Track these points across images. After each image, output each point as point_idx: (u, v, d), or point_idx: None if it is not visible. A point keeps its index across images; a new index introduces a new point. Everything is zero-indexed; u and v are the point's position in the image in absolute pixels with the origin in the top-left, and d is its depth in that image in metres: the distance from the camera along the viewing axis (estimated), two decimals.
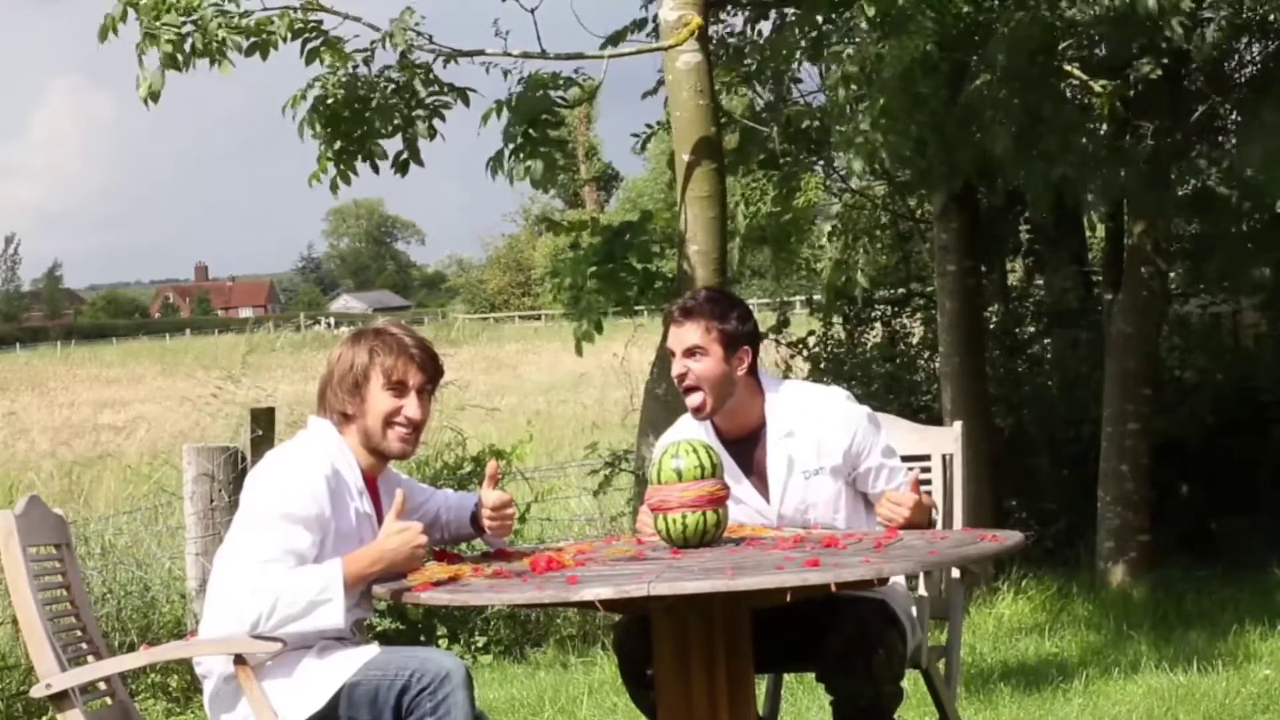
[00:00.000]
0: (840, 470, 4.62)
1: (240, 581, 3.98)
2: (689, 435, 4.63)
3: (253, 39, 7.48)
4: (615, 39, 9.38)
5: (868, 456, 4.62)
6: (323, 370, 4.28)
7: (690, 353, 4.60)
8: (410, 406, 4.19)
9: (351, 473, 4.17)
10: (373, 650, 4.04)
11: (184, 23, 7.33)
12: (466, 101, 7.93)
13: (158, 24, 7.32)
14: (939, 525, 4.72)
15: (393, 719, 3.95)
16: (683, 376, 4.61)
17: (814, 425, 4.63)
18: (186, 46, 7.40)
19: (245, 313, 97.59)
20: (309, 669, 4.02)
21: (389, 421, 4.18)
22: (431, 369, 4.24)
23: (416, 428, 4.21)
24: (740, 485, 4.65)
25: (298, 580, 3.95)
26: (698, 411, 4.62)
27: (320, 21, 7.72)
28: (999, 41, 7.79)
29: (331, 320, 67.76)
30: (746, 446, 4.67)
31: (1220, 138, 10.23)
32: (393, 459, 4.29)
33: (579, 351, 7.93)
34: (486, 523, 4.45)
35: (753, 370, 4.66)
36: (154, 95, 7.49)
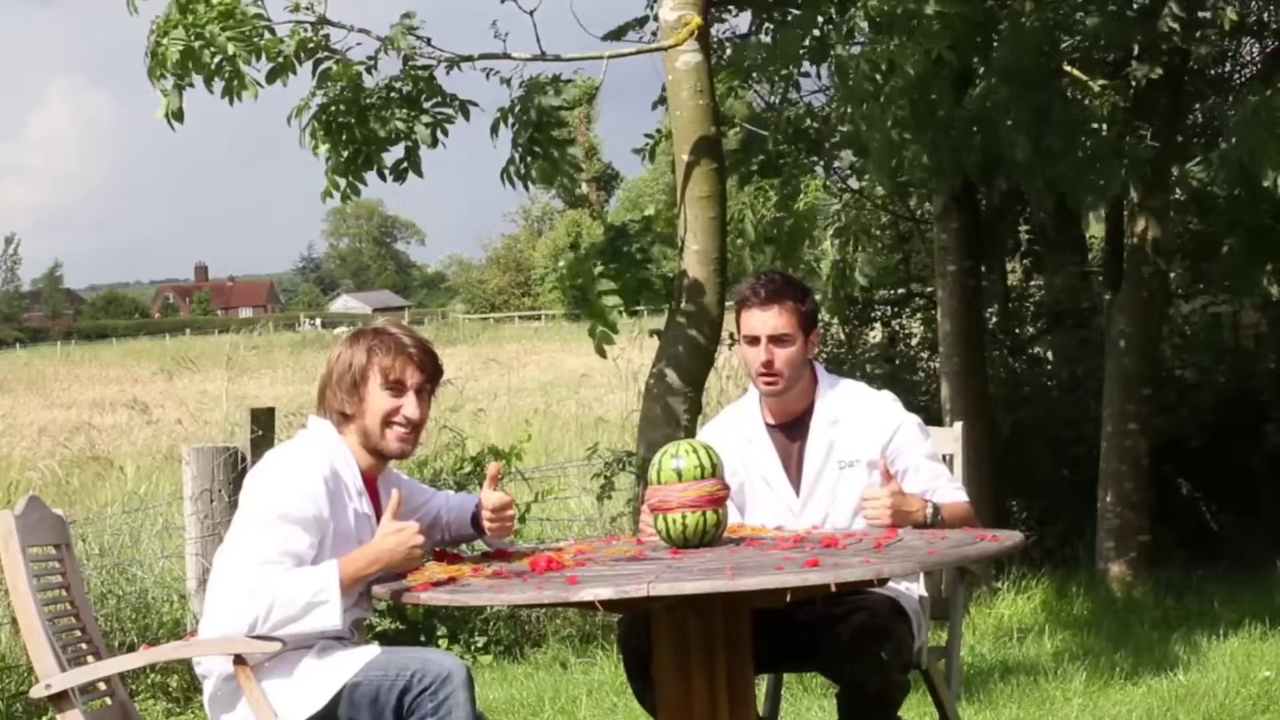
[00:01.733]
0: (875, 465, 4.61)
1: (238, 583, 3.97)
2: (737, 425, 4.70)
3: (271, 64, 7.47)
4: (617, 34, 9.39)
5: (905, 456, 4.61)
6: (322, 370, 4.28)
7: (778, 339, 4.62)
8: (409, 406, 4.18)
9: (350, 473, 4.17)
10: (373, 651, 4.04)
11: (193, 37, 7.30)
12: (467, 115, 7.92)
13: (164, 40, 7.30)
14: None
15: (394, 719, 3.95)
16: (769, 363, 4.62)
17: (859, 417, 4.66)
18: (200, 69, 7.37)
19: (245, 313, 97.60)
20: (309, 669, 4.02)
21: (387, 421, 4.17)
22: (430, 369, 4.23)
23: (415, 427, 4.20)
24: (775, 472, 4.68)
25: (294, 582, 3.95)
26: (771, 383, 4.63)
27: (328, 36, 7.72)
28: (1003, 43, 7.79)
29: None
30: (790, 432, 4.71)
31: (1221, 140, 10.24)
32: (391, 459, 4.28)
33: (601, 354, 7.92)
34: (487, 524, 4.45)
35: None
36: (177, 115, 7.46)
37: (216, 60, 7.32)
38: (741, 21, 10.55)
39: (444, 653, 4.08)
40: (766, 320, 4.64)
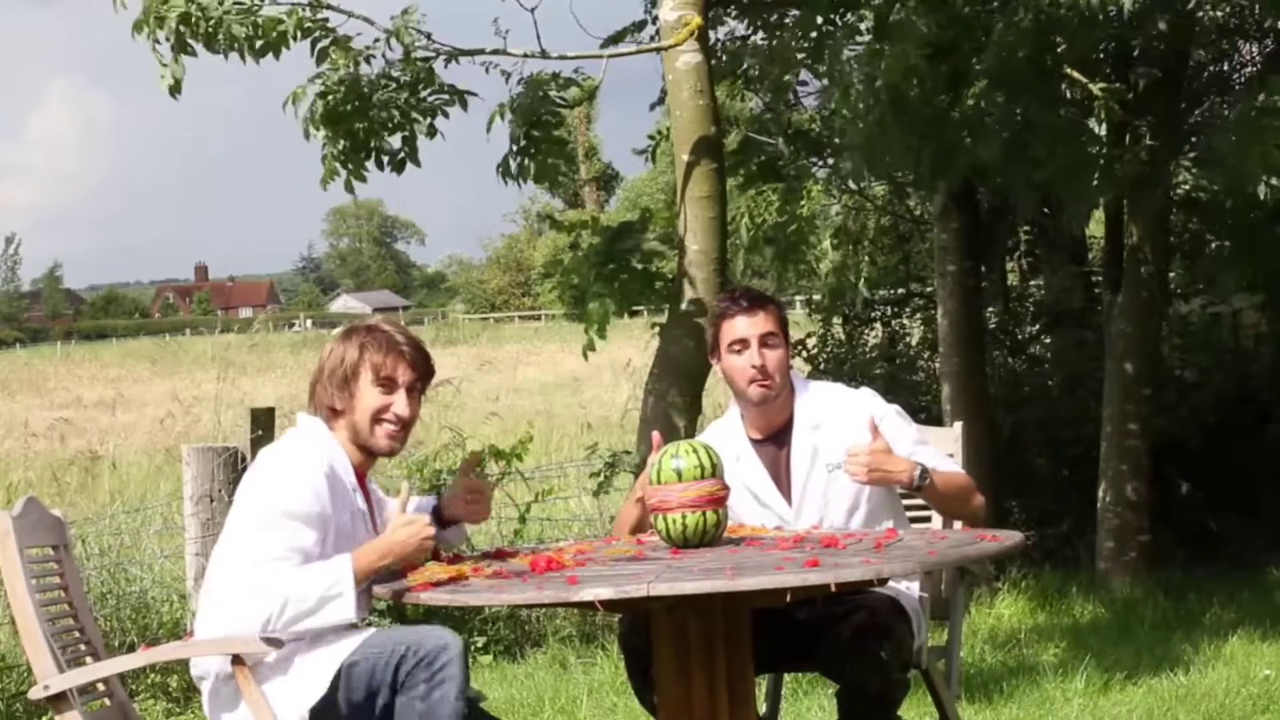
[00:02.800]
0: None
1: (248, 582, 3.95)
2: (723, 442, 4.66)
3: (263, 40, 7.47)
4: (614, 40, 9.40)
5: (895, 446, 4.56)
6: (314, 365, 4.26)
7: (766, 340, 4.63)
8: (399, 404, 4.17)
9: (345, 469, 4.16)
10: (369, 631, 4.04)
11: (189, 4, 7.29)
12: (465, 105, 7.92)
13: (164, 5, 7.30)
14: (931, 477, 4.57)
15: (389, 694, 3.93)
16: (761, 366, 4.62)
17: (841, 418, 4.65)
18: (197, 32, 7.37)
19: (245, 313, 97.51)
20: (305, 660, 4.00)
21: (377, 418, 4.16)
22: (422, 367, 4.23)
23: (405, 425, 4.19)
24: (764, 486, 4.67)
25: (307, 577, 3.94)
26: (765, 386, 4.63)
27: (326, 19, 7.72)
28: (993, 45, 7.79)
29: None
30: (774, 444, 4.71)
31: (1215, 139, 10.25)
32: (380, 456, 4.27)
33: (586, 357, 7.93)
34: (465, 504, 4.39)
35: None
36: (177, 86, 7.46)
37: (211, 23, 7.32)
38: (741, 25, 10.56)
39: (441, 627, 4.06)
40: (753, 323, 4.64)
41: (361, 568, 3.98)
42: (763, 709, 4.88)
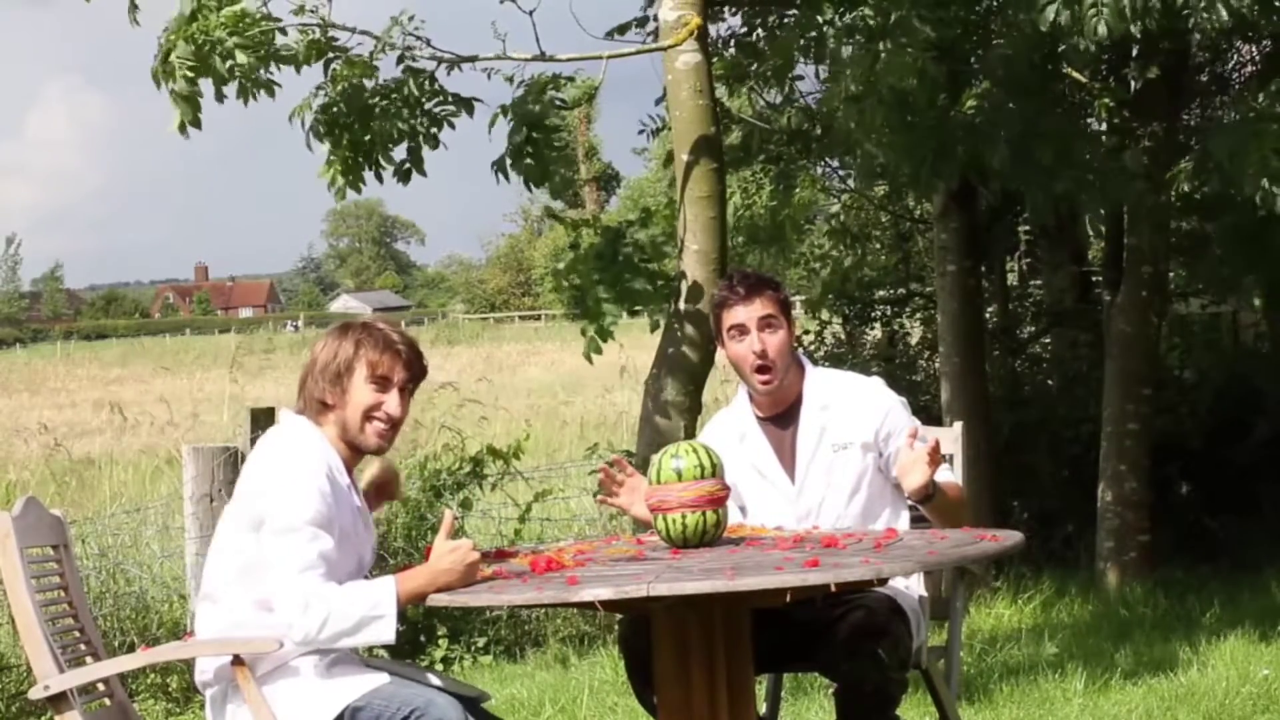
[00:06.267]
0: (870, 447, 4.66)
1: (286, 593, 3.91)
2: (729, 424, 4.72)
3: (281, 63, 7.49)
4: (619, 30, 9.42)
5: (899, 436, 4.62)
6: (306, 359, 4.25)
7: (766, 324, 4.65)
8: (391, 402, 4.16)
9: (340, 469, 4.14)
10: (382, 678, 4.03)
11: (203, 42, 7.29)
12: (471, 111, 7.93)
13: (172, 58, 7.31)
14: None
15: None
16: (762, 352, 4.63)
17: (849, 400, 4.69)
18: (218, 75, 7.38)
19: (245, 313, 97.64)
20: (316, 684, 4.00)
21: (368, 416, 4.14)
22: (416, 366, 4.22)
23: (395, 424, 4.18)
24: (769, 463, 4.70)
25: (350, 596, 3.92)
26: (767, 382, 4.65)
27: (334, 39, 7.74)
28: (998, 53, 7.79)
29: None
30: (781, 423, 4.74)
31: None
32: (368, 454, 4.26)
33: (589, 360, 7.93)
34: (376, 498, 4.45)
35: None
36: (194, 124, 7.46)
37: (228, 65, 7.32)
38: (740, 21, 10.56)
39: (448, 697, 4.04)
40: (750, 309, 4.66)
41: (405, 591, 3.95)
42: (763, 709, 4.88)
